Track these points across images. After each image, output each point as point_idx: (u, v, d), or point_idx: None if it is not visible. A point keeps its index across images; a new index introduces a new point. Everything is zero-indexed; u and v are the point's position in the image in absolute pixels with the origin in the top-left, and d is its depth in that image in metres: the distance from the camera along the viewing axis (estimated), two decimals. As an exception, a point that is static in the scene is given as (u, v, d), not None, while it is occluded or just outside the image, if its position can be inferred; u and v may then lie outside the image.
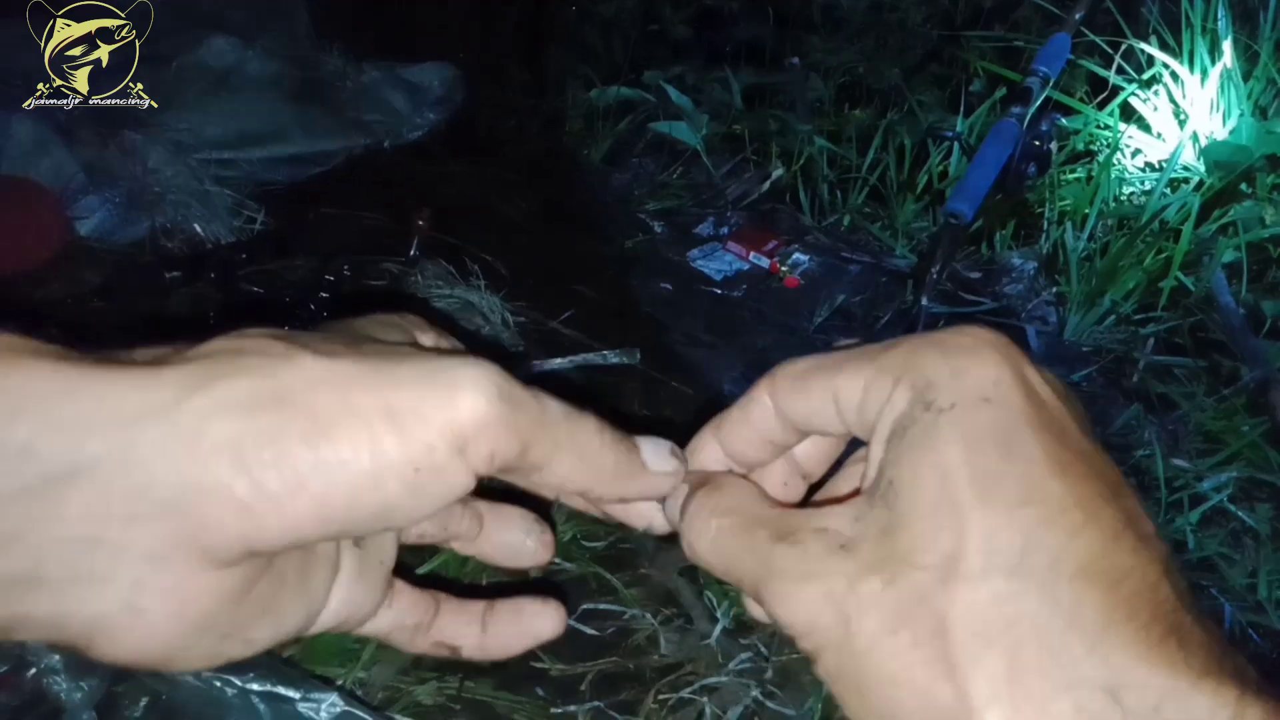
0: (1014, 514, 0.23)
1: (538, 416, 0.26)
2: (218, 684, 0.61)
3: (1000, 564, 0.22)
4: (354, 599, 0.30)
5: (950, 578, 0.22)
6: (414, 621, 0.33)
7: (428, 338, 0.31)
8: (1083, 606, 0.22)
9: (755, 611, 0.31)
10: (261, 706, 0.58)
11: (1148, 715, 0.21)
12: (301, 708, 0.59)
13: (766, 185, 1.75)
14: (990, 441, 0.24)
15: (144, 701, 0.61)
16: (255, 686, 0.58)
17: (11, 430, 0.22)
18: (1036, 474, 0.23)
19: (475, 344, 1.21)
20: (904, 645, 0.23)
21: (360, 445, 0.24)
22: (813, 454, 0.32)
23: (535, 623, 0.34)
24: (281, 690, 0.59)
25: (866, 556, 0.24)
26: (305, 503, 0.24)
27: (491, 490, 0.31)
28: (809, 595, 0.25)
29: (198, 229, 1.27)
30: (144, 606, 0.24)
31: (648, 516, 0.33)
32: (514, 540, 0.35)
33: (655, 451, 0.31)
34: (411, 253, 1.31)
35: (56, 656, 0.60)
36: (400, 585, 0.33)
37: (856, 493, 0.27)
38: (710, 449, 0.32)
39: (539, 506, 0.35)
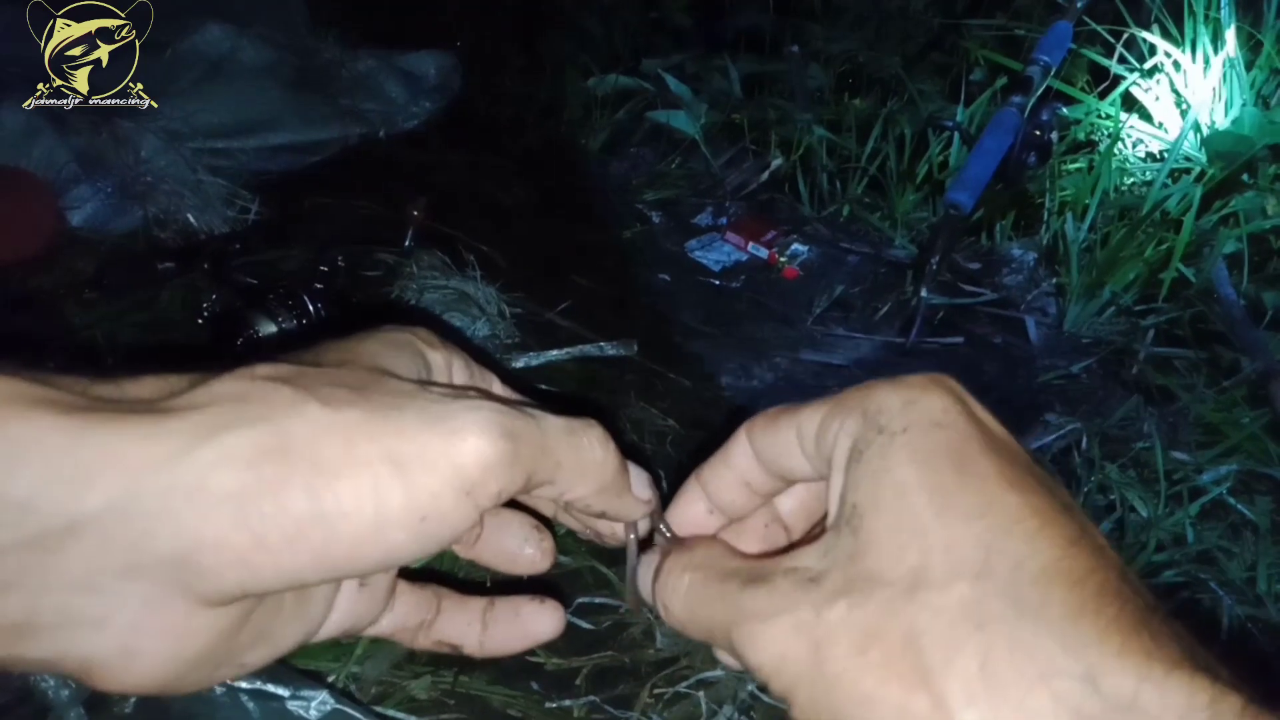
0: (972, 524, 0.23)
1: (539, 443, 0.27)
2: (208, 680, 0.60)
3: (964, 571, 0.22)
4: (357, 609, 0.31)
5: (915, 589, 0.23)
6: (416, 622, 0.33)
7: (438, 355, 0.31)
8: (1050, 604, 0.22)
9: (728, 662, 0.30)
10: (250, 704, 0.57)
11: (1125, 702, 0.20)
12: (291, 705, 0.58)
13: (765, 175, 1.74)
14: (944, 460, 0.24)
15: (133, 699, 0.61)
16: (243, 684, 0.58)
17: (12, 483, 0.22)
18: (991, 489, 0.24)
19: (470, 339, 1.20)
20: (875, 663, 0.23)
21: (364, 495, 0.24)
22: (794, 507, 0.33)
23: (533, 623, 0.34)
24: (270, 688, 0.59)
25: (834, 584, 0.24)
26: (305, 553, 0.24)
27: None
28: (777, 630, 0.25)
29: (191, 219, 1.26)
30: (139, 648, 0.24)
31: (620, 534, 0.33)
32: (512, 547, 0.34)
33: (638, 478, 0.32)
34: (407, 243, 1.30)
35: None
36: (402, 586, 0.33)
37: (823, 531, 0.27)
38: (694, 494, 0.33)
39: (538, 513, 0.35)
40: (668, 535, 0.32)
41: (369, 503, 0.24)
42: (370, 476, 0.24)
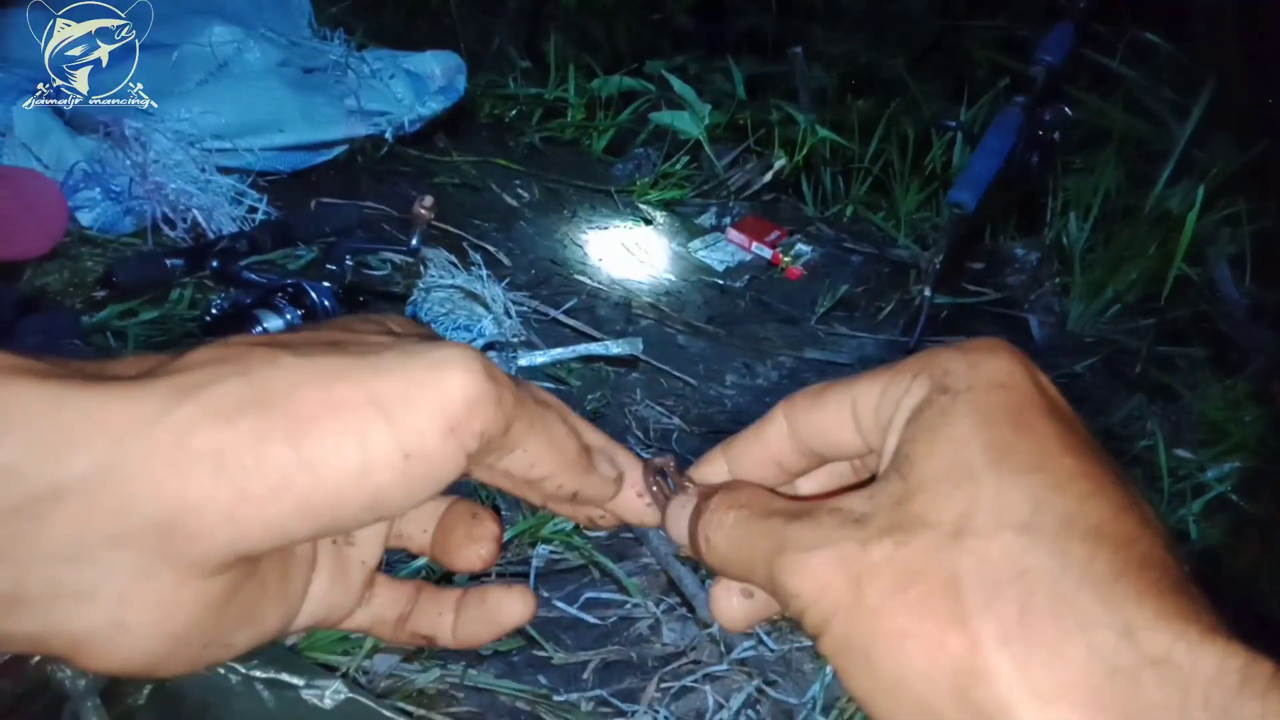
0: (1024, 478, 0.24)
1: (517, 394, 0.27)
2: (221, 671, 0.61)
3: (1011, 521, 0.23)
4: (330, 599, 0.30)
5: (961, 534, 0.23)
6: (394, 615, 0.33)
7: (408, 331, 0.31)
8: (1094, 561, 0.22)
9: (732, 619, 0.31)
10: (265, 694, 0.58)
11: (1159, 657, 0.21)
12: (305, 694, 0.59)
13: (769, 175, 1.75)
14: (1004, 418, 0.25)
15: (147, 689, 0.62)
16: (259, 674, 0.58)
17: None
18: (1047, 449, 0.24)
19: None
20: (914, 600, 0.23)
21: (346, 438, 0.24)
22: (814, 490, 0.33)
23: (500, 609, 0.33)
24: (285, 677, 0.59)
25: (880, 523, 0.25)
26: (290, 502, 0.24)
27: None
28: (821, 560, 0.25)
29: (199, 218, 1.27)
30: (127, 620, 0.24)
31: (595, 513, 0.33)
32: (456, 541, 0.33)
33: (600, 457, 0.31)
34: (413, 242, 1.31)
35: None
36: (381, 579, 0.33)
37: (870, 480, 0.27)
38: (717, 465, 0.33)
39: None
40: (697, 486, 0.32)
41: (352, 445, 0.24)
42: (352, 418, 0.24)
